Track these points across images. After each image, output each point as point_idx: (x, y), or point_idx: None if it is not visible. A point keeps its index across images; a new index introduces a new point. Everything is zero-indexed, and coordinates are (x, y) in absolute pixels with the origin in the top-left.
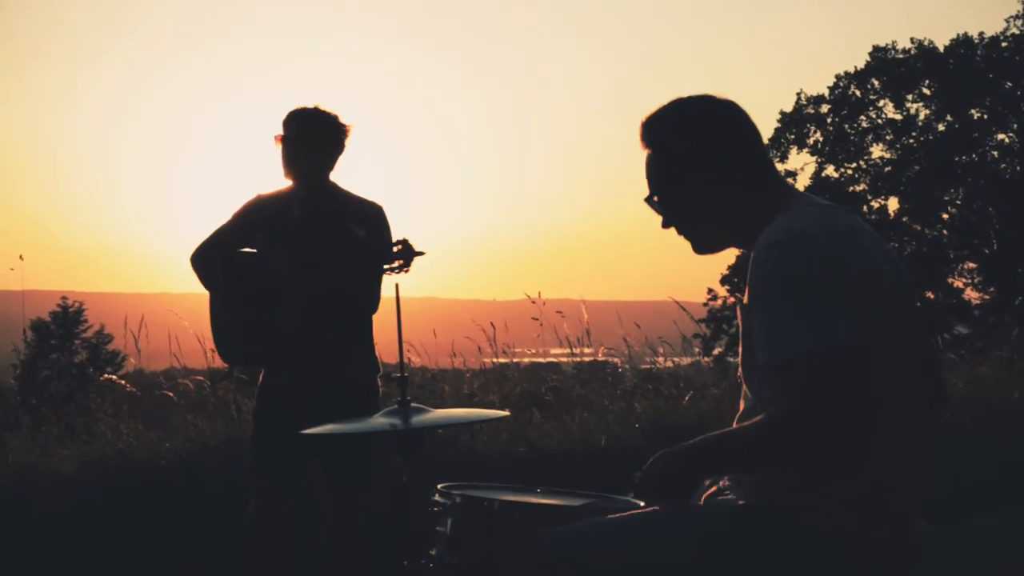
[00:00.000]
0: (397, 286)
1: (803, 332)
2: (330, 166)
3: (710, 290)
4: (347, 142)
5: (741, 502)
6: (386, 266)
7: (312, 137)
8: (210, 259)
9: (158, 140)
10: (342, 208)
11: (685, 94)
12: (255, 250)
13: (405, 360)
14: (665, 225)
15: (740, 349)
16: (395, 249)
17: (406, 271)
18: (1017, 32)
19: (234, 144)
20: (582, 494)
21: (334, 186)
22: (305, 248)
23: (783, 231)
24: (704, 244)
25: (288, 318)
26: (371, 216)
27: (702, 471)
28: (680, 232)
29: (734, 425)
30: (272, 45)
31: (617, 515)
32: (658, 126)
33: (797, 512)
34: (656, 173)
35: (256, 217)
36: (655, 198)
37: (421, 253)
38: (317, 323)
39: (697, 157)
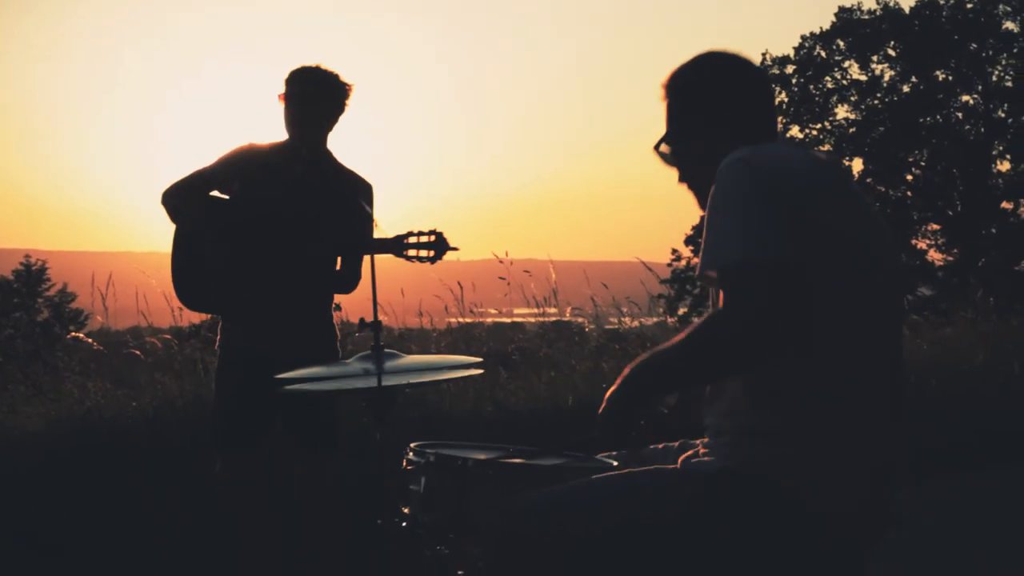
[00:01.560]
0: (373, 227)
1: (737, 243)
2: (331, 125)
3: (674, 251)
4: (348, 101)
5: (718, 465)
6: (413, 253)
7: (315, 94)
8: (185, 198)
9: (124, 99)
10: (339, 176)
11: (713, 48)
12: (236, 201)
13: (365, 317)
14: (680, 179)
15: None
16: (429, 239)
17: (433, 263)
18: None
19: (204, 106)
20: (556, 453)
21: (331, 154)
22: (302, 205)
23: (741, 152)
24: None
25: (256, 273)
26: (364, 193)
27: (643, 392)
28: (689, 184)
29: None
30: (246, 12)
31: (593, 478)
32: (678, 77)
33: (772, 474)
34: (670, 123)
35: (243, 164)
36: (665, 148)
37: (455, 248)
38: (288, 278)
39: (710, 110)
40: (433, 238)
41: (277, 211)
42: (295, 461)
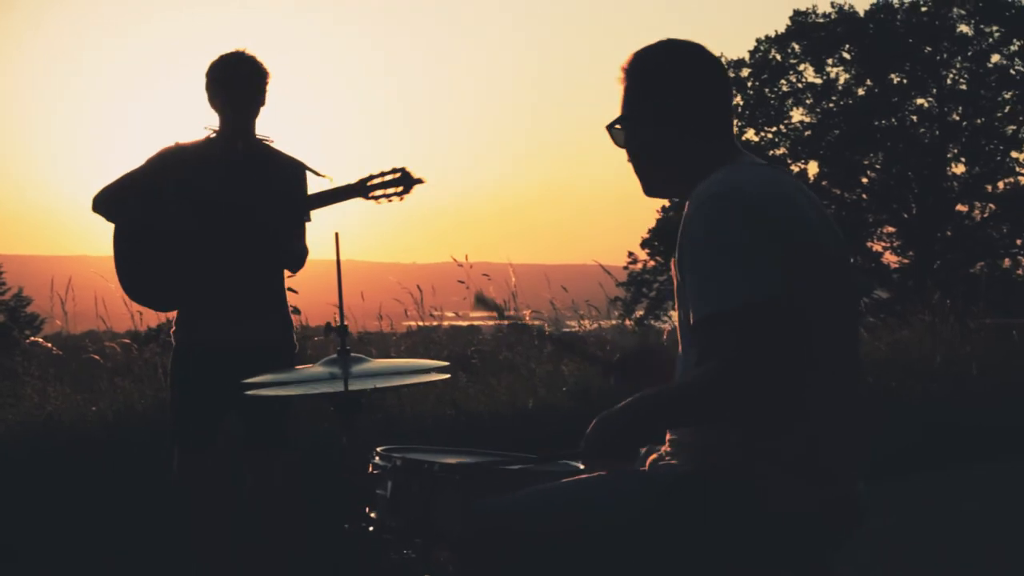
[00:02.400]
0: (337, 235)
1: (739, 286)
2: (256, 111)
3: (631, 254)
4: (267, 88)
5: (683, 467)
6: (382, 192)
7: (242, 81)
8: (117, 198)
9: (84, 99)
10: (270, 158)
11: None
12: (168, 198)
13: (332, 322)
14: (629, 159)
15: (675, 304)
16: (394, 176)
17: (402, 199)
18: None
19: (165, 108)
20: (521, 457)
21: (260, 138)
22: (238, 184)
23: (725, 184)
24: (651, 185)
25: (201, 267)
26: (294, 172)
27: (642, 430)
28: (634, 169)
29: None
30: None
31: (559, 481)
32: (638, 60)
33: (737, 476)
34: (625, 106)
35: (172, 163)
36: (617, 126)
37: (420, 181)
38: (237, 270)
39: (664, 99)
40: (398, 175)
41: (216, 201)
42: (244, 457)
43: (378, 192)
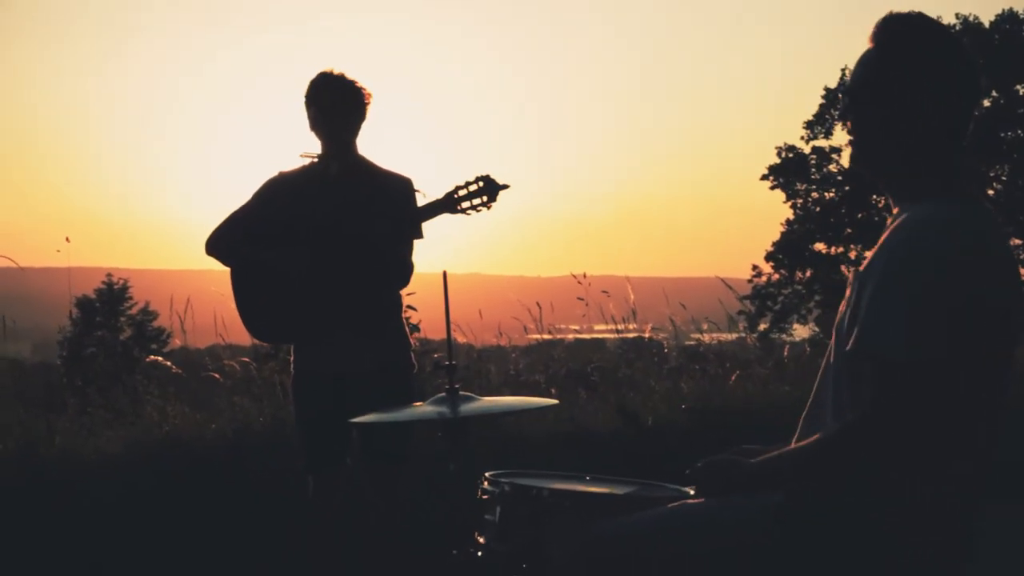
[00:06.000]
0: (445, 274)
1: (908, 337)
2: (350, 130)
3: (755, 267)
4: (368, 110)
5: (788, 495)
6: (468, 204)
7: (333, 103)
8: (227, 242)
9: (202, 116)
10: (374, 176)
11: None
12: (277, 230)
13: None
14: (840, 118)
15: (842, 307)
16: (478, 186)
17: (490, 207)
18: None
19: (276, 119)
20: (629, 481)
21: (363, 157)
22: (340, 206)
23: (945, 227)
24: (864, 161)
25: (314, 296)
26: (401, 188)
27: (773, 487)
28: (851, 139)
29: (815, 385)
30: (311, 19)
31: (668, 507)
32: (898, 36)
33: (846, 508)
34: (866, 75)
35: (277, 194)
36: (850, 94)
37: (506, 186)
38: (346, 293)
39: (915, 88)
40: (482, 184)
41: (323, 226)
42: (365, 475)
43: (465, 204)
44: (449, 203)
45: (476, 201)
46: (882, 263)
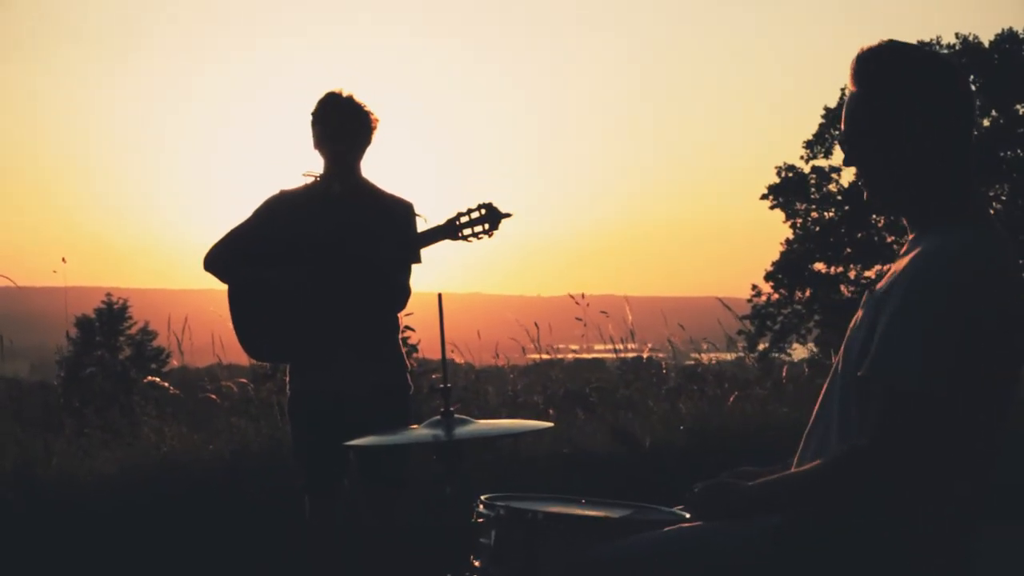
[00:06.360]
0: (440, 296)
1: (921, 368)
2: (354, 151)
3: (754, 286)
4: (374, 135)
5: (786, 518)
6: (470, 231)
7: (340, 124)
8: (226, 259)
9: (198, 133)
10: (376, 199)
11: (901, 40)
12: (279, 248)
13: (448, 357)
14: (846, 163)
15: (853, 323)
16: (480, 213)
17: (491, 235)
18: None
19: (274, 135)
20: (625, 504)
21: (366, 179)
22: (344, 223)
23: (957, 255)
24: (881, 204)
25: (314, 316)
26: (403, 212)
27: (770, 511)
28: (861, 183)
29: (820, 396)
30: (308, 33)
31: (663, 530)
32: (876, 70)
33: (846, 530)
34: (855, 116)
35: (277, 213)
36: (846, 140)
37: (508, 215)
38: (346, 314)
39: (904, 115)
40: (484, 211)
41: (323, 244)
42: (362, 499)
43: (466, 231)
44: (450, 229)
45: (477, 228)
46: (900, 290)
